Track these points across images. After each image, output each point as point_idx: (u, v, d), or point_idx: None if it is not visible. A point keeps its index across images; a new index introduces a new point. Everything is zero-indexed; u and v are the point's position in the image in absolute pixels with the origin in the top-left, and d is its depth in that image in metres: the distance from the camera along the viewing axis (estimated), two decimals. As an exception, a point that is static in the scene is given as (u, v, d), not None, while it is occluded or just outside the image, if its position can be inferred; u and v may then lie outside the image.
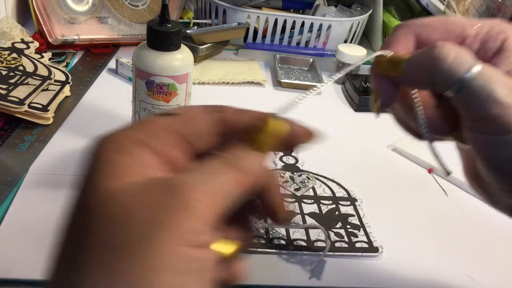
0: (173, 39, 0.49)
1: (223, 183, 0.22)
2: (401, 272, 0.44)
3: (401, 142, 0.64)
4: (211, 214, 0.21)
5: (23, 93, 0.58)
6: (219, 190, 0.22)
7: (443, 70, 0.26)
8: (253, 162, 0.24)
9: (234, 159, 0.23)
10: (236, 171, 0.23)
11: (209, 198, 0.21)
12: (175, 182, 0.21)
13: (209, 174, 0.22)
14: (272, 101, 0.73)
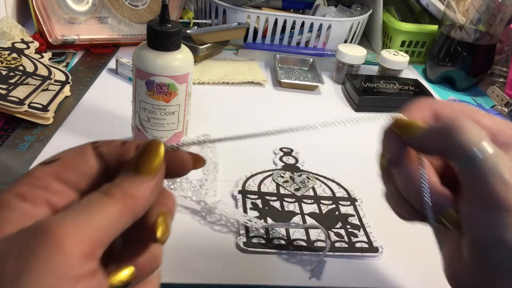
0: (173, 39, 0.49)
1: (99, 214, 0.22)
2: (401, 272, 0.44)
3: (401, 142, 0.64)
4: (86, 247, 0.21)
5: (23, 93, 0.58)
6: (94, 222, 0.22)
7: (459, 142, 0.28)
8: (134, 187, 0.24)
9: (113, 187, 0.23)
10: (115, 199, 0.23)
11: (81, 232, 0.21)
12: (43, 224, 0.21)
13: (84, 208, 0.22)
14: (272, 101, 0.73)
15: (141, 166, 0.25)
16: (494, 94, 0.79)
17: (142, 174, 0.25)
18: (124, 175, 0.25)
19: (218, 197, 0.50)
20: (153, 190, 0.25)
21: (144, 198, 0.24)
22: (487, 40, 0.82)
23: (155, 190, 0.25)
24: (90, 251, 0.21)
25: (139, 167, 0.25)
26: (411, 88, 0.78)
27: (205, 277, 0.40)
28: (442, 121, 0.30)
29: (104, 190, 0.23)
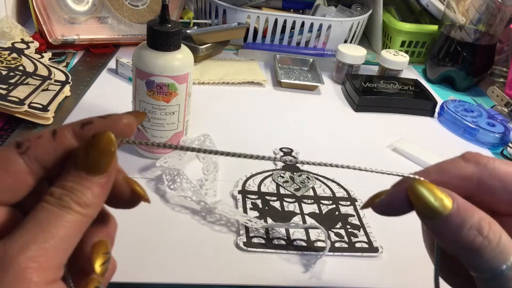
0: (173, 39, 0.49)
1: (58, 232, 0.21)
2: (401, 272, 0.44)
3: (401, 142, 0.64)
4: (50, 273, 0.20)
5: (23, 93, 0.58)
6: (55, 242, 0.20)
7: (479, 259, 0.24)
8: (88, 193, 0.22)
9: (65, 197, 0.22)
10: (71, 212, 0.21)
11: (44, 259, 0.20)
12: (4, 256, 0.19)
13: (40, 230, 0.20)
14: (272, 101, 0.73)
15: (92, 164, 0.22)
16: (494, 94, 0.79)
17: (93, 173, 0.22)
18: (72, 175, 0.22)
19: (218, 197, 0.50)
20: (106, 191, 0.23)
21: (99, 203, 0.23)
22: (487, 40, 0.82)
23: (108, 190, 0.23)
24: (55, 275, 0.20)
25: (89, 166, 0.22)
26: (411, 88, 0.78)
27: (205, 277, 0.40)
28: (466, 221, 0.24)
29: (56, 201, 0.21)
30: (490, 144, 0.68)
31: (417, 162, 0.62)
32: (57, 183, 0.22)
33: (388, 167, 0.64)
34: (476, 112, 0.73)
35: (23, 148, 0.23)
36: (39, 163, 0.23)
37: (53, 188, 0.22)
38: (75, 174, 0.22)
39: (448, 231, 0.25)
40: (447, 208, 0.25)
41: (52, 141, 0.23)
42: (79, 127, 0.23)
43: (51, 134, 0.23)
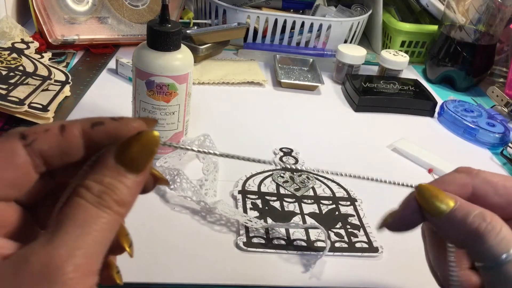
0: (173, 39, 0.49)
1: (99, 237, 0.20)
2: (401, 272, 0.44)
3: (401, 142, 0.64)
4: (91, 277, 0.20)
5: (23, 93, 0.58)
6: (97, 249, 0.20)
7: (478, 246, 0.26)
8: (128, 191, 0.21)
9: (108, 194, 0.21)
10: (109, 212, 0.21)
11: (87, 266, 0.19)
12: (46, 261, 0.18)
13: (81, 233, 0.19)
14: (272, 101, 0.73)
15: (132, 161, 0.21)
16: (494, 94, 0.79)
17: (132, 170, 0.21)
18: (110, 170, 0.21)
19: (218, 197, 0.50)
20: (139, 192, 0.22)
21: (133, 202, 0.22)
22: (487, 40, 0.82)
23: (139, 192, 0.23)
24: (94, 282, 0.20)
25: (129, 162, 0.21)
26: (411, 88, 0.78)
27: (205, 277, 0.40)
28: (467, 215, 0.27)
29: (96, 199, 0.20)
30: (490, 144, 0.68)
31: (417, 162, 0.62)
32: (93, 177, 0.21)
33: (388, 167, 0.65)
34: (476, 112, 0.73)
35: (28, 140, 0.21)
36: (42, 158, 0.22)
37: (90, 182, 0.21)
38: (113, 169, 0.21)
39: (455, 223, 0.27)
40: (451, 204, 0.27)
41: (59, 137, 0.22)
42: (89, 126, 0.22)
43: (59, 129, 0.22)
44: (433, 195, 0.28)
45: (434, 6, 0.93)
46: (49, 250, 0.19)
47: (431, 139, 0.69)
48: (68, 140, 0.22)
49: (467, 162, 0.63)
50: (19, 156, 0.21)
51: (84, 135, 0.22)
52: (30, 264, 0.18)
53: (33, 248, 0.19)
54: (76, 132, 0.22)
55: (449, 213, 0.27)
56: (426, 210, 0.28)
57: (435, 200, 0.28)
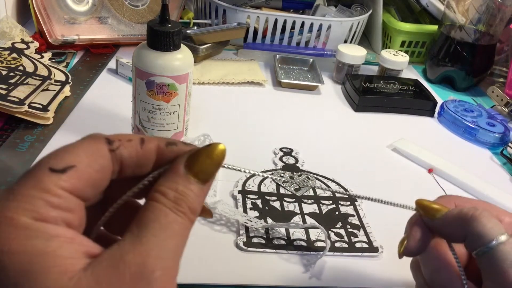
0: (173, 39, 0.49)
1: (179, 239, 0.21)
2: (401, 272, 0.44)
3: (401, 142, 0.64)
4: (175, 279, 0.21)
5: (23, 93, 0.58)
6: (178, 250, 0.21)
7: (474, 230, 0.29)
8: (198, 199, 0.23)
9: (182, 200, 0.22)
10: (185, 218, 0.22)
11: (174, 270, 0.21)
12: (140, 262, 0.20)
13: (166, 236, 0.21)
14: (272, 101, 0.73)
15: (203, 171, 0.23)
16: (494, 94, 0.79)
17: (201, 180, 0.23)
18: (182, 179, 0.23)
19: (218, 197, 0.50)
20: (204, 199, 0.24)
21: (200, 210, 0.23)
22: (487, 40, 0.82)
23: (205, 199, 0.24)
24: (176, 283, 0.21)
25: (200, 172, 0.23)
26: (411, 88, 0.78)
27: (205, 277, 0.40)
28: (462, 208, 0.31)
29: (173, 205, 0.22)
30: (490, 144, 0.68)
31: (417, 162, 0.62)
32: (167, 184, 0.22)
33: (388, 167, 0.65)
34: (476, 112, 0.73)
35: (114, 146, 0.23)
36: (121, 166, 0.23)
37: (166, 189, 0.22)
38: (185, 178, 0.23)
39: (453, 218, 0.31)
40: (445, 208, 0.32)
41: (139, 148, 0.23)
42: (164, 144, 0.24)
43: (139, 141, 0.24)
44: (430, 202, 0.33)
45: (434, 6, 0.93)
46: (142, 251, 0.20)
47: (431, 139, 0.69)
48: (146, 153, 0.24)
49: (467, 162, 0.64)
50: (105, 159, 0.22)
51: (158, 151, 0.24)
52: (128, 264, 0.20)
53: (125, 248, 0.20)
54: (153, 147, 0.24)
55: (447, 212, 0.32)
56: (427, 216, 0.32)
57: (432, 205, 0.32)
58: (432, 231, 0.33)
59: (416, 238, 0.32)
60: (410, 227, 0.34)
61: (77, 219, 0.22)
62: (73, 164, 0.21)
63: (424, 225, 0.33)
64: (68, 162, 0.21)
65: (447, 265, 0.32)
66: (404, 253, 0.33)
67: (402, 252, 0.33)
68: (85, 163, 0.22)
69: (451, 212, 0.31)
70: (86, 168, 0.22)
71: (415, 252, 0.33)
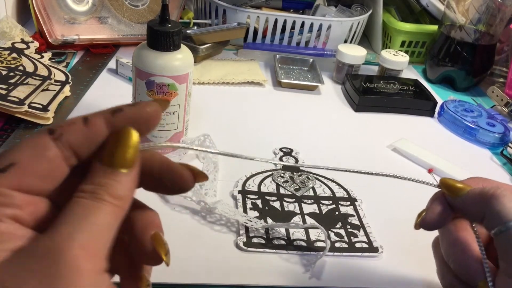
0: (173, 39, 0.49)
1: (99, 223, 0.21)
2: (401, 272, 0.44)
3: (401, 142, 0.64)
4: (98, 262, 0.20)
5: (23, 93, 0.58)
6: (96, 233, 0.21)
7: (493, 208, 0.30)
8: (121, 186, 0.22)
9: (101, 189, 0.22)
10: (106, 204, 0.22)
11: (90, 248, 0.20)
12: (50, 245, 0.20)
13: (82, 220, 0.21)
14: (272, 101, 0.73)
15: (118, 159, 0.23)
16: (494, 94, 0.79)
17: (120, 168, 0.23)
18: (100, 171, 0.23)
19: (218, 197, 0.50)
20: (135, 184, 0.24)
21: (130, 195, 0.23)
22: (487, 40, 0.82)
23: (136, 184, 0.24)
24: (102, 265, 0.21)
25: (115, 161, 0.23)
26: (411, 88, 0.78)
27: (205, 277, 0.40)
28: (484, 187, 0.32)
29: (90, 195, 0.22)
30: (490, 144, 0.68)
31: (417, 162, 0.62)
32: (86, 181, 0.22)
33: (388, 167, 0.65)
34: (476, 112, 0.73)
35: (56, 134, 0.23)
36: (71, 150, 0.23)
37: (84, 185, 0.22)
38: (102, 170, 0.23)
39: (475, 196, 0.31)
40: (468, 187, 0.32)
41: (84, 128, 0.23)
42: (110, 114, 0.24)
43: (83, 121, 0.23)
44: (454, 181, 0.33)
45: (434, 6, 0.93)
46: (50, 235, 0.20)
47: (431, 139, 0.69)
48: (93, 130, 0.23)
49: (467, 162, 0.64)
50: (49, 149, 0.22)
51: (107, 123, 0.24)
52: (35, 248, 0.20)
53: (40, 237, 0.20)
54: (99, 122, 0.23)
55: (469, 190, 0.32)
56: (450, 193, 0.33)
57: (456, 183, 0.33)
58: (453, 209, 0.33)
59: (435, 212, 0.33)
60: (431, 201, 0.34)
61: (28, 213, 0.22)
62: (13, 162, 0.22)
63: (445, 202, 0.33)
64: (9, 160, 0.22)
65: (462, 241, 0.33)
66: (421, 225, 0.33)
67: (419, 223, 0.34)
68: (28, 158, 0.22)
69: (473, 191, 0.32)
70: (29, 163, 0.22)
71: (432, 225, 0.33)
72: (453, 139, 0.70)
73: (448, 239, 0.34)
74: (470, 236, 0.33)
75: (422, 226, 0.34)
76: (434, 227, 0.33)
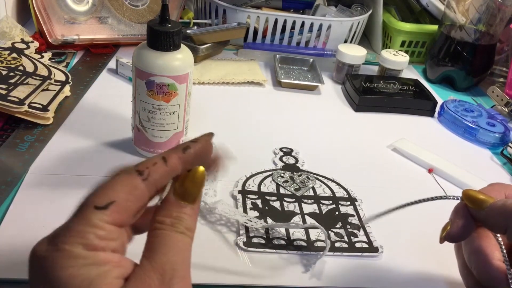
0: (173, 39, 0.49)
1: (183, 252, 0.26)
2: (401, 272, 0.44)
3: (401, 142, 0.64)
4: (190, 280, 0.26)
5: (23, 93, 0.58)
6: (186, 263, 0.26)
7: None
8: (193, 220, 0.28)
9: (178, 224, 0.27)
10: (186, 236, 0.27)
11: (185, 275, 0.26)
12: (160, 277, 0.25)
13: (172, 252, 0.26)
14: (272, 101, 0.73)
15: (189, 195, 0.28)
16: (494, 94, 0.79)
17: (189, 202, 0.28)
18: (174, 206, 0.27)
19: (218, 197, 0.50)
20: (197, 216, 0.28)
21: (196, 226, 0.28)
22: (487, 40, 0.82)
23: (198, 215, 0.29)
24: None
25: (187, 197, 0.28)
26: (411, 88, 0.78)
27: (205, 277, 0.40)
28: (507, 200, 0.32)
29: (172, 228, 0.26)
30: (490, 144, 0.68)
31: (417, 162, 0.62)
32: (163, 213, 0.27)
33: (388, 167, 0.65)
34: (476, 112, 0.73)
35: (145, 175, 0.27)
36: (155, 187, 0.27)
37: (162, 218, 0.27)
38: (175, 204, 0.27)
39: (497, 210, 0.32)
40: (490, 199, 0.33)
41: (165, 167, 0.27)
42: (181, 152, 0.28)
43: (163, 161, 0.28)
44: (476, 193, 0.33)
45: (434, 6, 0.93)
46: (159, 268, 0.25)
47: (431, 139, 0.69)
48: (172, 167, 0.28)
49: (467, 162, 0.64)
50: (140, 190, 0.26)
51: (180, 160, 0.28)
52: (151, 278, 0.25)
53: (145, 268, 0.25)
54: (176, 160, 0.28)
55: (491, 203, 0.32)
56: (473, 206, 0.33)
57: (478, 195, 0.33)
58: (476, 220, 0.33)
59: (459, 225, 0.34)
60: (454, 214, 0.35)
61: (120, 244, 0.26)
62: (113, 200, 0.25)
63: (468, 214, 0.34)
64: (109, 198, 0.25)
65: (485, 249, 0.33)
66: (446, 238, 0.34)
67: (444, 237, 0.34)
68: (123, 198, 0.26)
69: (496, 204, 0.32)
70: (124, 201, 0.26)
71: (457, 238, 0.34)
72: (453, 139, 0.70)
73: (471, 246, 0.34)
74: (492, 244, 0.33)
75: (447, 240, 0.35)
76: (459, 239, 0.34)
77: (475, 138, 0.69)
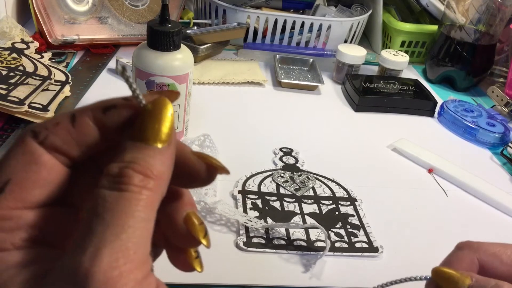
0: (173, 39, 0.49)
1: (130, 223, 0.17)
2: (401, 272, 0.44)
3: (401, 142, 0.64)
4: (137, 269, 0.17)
5: (23, 93, 0.58)
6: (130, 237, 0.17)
7: None
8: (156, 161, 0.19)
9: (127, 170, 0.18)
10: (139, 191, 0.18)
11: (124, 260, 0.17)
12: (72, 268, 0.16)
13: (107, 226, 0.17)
14: (272, 101, 0.73)
15: (152, 133, 0.19)
16: (494, 94, 0.79)
17: (154, 142, 0.19)
18: (130, 148, 0.19)
19: (218, 197, 0.50)
20: (171, 163, 0.20)
21: (167, 172, 0.19)
22: (487, 40, 0.82)
23: (173, 162, 0.20)
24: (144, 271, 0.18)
25: (149, 135, 0.19)
26: (411, 88, 0.78)
27: (205, 277, 0.40)
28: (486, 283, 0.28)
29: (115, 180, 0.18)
30: (490, 144, 0.68)
31: (417, 162, 0.62)
32: (113, 160, 0.19)
33: (388, 167, 0.65)
34: (476, 112, 0.73)
35: (41, 138, 0.19)
36: (59, 153, 0.20)
37: (109, 166, 0.18)
38: (132, 145, 0.19)
39: None
40: (467, 282, 0.28)
41: (71, 129, 0.20)
42: (100, 111, 0.20)
43: (69, 120, 0.20)
44: (450, 275, 0.29)
45: (434, 6, 0.93)
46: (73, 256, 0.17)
47: (431, 139, 0.69)
48: (81, 131, 0.20)
49: (467, 162, 0.64)
50: (37, 155, 0.19)
51: (97, 122, 0.20)
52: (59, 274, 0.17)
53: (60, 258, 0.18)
54: (87, 121, 0.20)
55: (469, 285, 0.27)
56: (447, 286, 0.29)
57: (452, 279, 0.28)
58: None
59: None
60: None
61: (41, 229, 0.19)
62: (7, 179, 0.19)
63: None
64: (3, 178, 0.19)
65: None
66: None
67: None
68: (20, 170, 0.19)
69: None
70: (22, 174, 0.19)
71: None
72: (453, 139, 0.70)
73: None
74: None
75: None
76: None
77: (475, 138, 0.69)
